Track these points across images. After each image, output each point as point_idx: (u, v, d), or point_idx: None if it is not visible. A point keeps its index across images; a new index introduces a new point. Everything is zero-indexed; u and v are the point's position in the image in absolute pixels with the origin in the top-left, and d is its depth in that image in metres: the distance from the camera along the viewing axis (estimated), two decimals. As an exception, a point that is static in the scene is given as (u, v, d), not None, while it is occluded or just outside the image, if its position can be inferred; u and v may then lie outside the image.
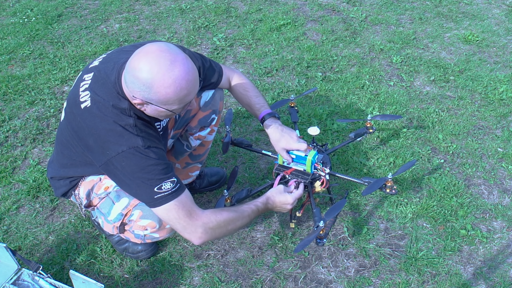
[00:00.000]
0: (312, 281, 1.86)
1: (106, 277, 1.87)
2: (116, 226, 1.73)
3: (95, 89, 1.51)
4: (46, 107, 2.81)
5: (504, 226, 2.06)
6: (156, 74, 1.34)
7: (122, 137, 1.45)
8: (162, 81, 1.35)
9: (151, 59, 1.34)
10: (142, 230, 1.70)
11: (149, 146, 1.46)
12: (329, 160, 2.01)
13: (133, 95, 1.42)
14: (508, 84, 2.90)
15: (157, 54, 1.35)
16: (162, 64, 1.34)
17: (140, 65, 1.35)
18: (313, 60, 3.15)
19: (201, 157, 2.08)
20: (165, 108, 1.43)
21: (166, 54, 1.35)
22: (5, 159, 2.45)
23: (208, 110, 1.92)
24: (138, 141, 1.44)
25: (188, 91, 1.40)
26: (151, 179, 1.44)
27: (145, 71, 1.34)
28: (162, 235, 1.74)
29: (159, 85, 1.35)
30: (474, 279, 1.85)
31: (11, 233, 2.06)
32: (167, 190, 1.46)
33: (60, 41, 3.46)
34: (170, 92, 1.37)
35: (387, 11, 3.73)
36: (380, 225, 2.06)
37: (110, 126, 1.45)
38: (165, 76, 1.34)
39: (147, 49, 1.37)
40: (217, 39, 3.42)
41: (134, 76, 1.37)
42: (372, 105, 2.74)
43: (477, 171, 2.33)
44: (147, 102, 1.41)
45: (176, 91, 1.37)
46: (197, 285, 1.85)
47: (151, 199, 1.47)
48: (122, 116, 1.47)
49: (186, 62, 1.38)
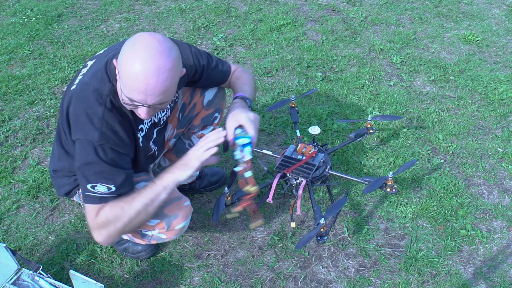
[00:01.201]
0: (312, 281, 1.86)
1: (106, 277, 1.87)
2: None
3: (87, 73, 1.51)
4: (46, 107, 2.81)
5: (504, 226, 2.06)
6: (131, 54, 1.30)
7: (84, 126, 1.44)
8: (131, 63, 1.30)
9: (140, 42, 1.31)
10: (151, 230, 1.68)
11: (102, 144, 1.43)
12: (329, 159, 2.01)
13: (115, 58, 1.39)
14: (508, 84, 2.90)
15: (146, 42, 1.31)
16: (144, 51, 1.29)
17: (130, 41, 1.34)
18: (313, 60, 3.15)
19: None
20: (124, 92, 1.37)
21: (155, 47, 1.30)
22: (5, 159, 2.45)
23: (211, 108, 1.92)
24: (94, 135, 1.42)
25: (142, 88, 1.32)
26: (89, 175, 1.44)
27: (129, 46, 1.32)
28: (169, 236, 1.71)
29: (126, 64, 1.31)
30: (474, 279, 1.85)
31: (11, 233, 2.06)
32: (99, 193, 1.45)
33: (60, 41, 3.46)
34: (129, 78, 1.31)
35: (387, 11, 3.73)
36: (380, 225, 2.06)
37: (79, 112, 1.45)
38: (137, 61, 1.29)
39: (143, 34, 1.35)
40: (217, 39, 3.42)
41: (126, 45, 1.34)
42: (372, 105, 2.74)
43: (477, 171, 2.33)
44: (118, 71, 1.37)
45: (134, 81, 1.31)
46: (197, 285, 1.85)
47: (83, 193, 1.47)
48: (94, 103, 1.44)
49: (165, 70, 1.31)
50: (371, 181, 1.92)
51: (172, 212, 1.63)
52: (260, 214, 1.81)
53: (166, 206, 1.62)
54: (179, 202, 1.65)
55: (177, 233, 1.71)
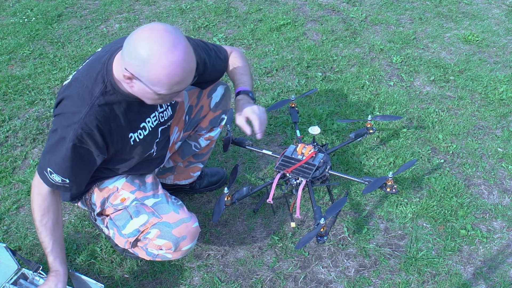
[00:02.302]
0: (312, 281, 1.86)
1: (106, 277, 1.87)
2: (129, 241, 1.68)
3: (82, 69, 1.51)
4: (46, 107, 2.81)
5: (504, 226, 2.06)
6: (155, 52, 1.28)
7: (65, 120, 1.43)
8: (159, 61, 1.28)
9: (154, 36, 1.29)
10: (157, 249, 1.66)
11: (74, 145, 1.43)
12: (329, 159, 2.01)
13: (125, 67, 1.35)
14: (508, 84, 2.90)
15: (161, 33, 1.29)
16: (163, 44, 1.28)
17: (141, 39, 1.30)
18: (313, 60, 3.15)
19: (204, 156, 2.07)
20: (152, 90, 1.36)
21: (170, 35, 1.30)
22: (5, 159, 2.45)
23: (218, 110, 1.92)
24: (69, 133, 1.42)
25: (181, 79, 1.34)
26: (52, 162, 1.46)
27: (144, 46, 1.28)
28: (175, 256, 1.70)
29: (154, 64, 1.29)
30: (474, 279, 1.85)
31: (11, 233, 2.06)
32: (53, 180, 1.49)
33: (60, 41, 3.46)
34: (162, 74, 1.30)
35: (387, 11, 3.73)
36: (380, 225, 2.06)
37: (65, 108, 1.45)
38: (163, 56, 1.28)
39: (152, 26, 1.32)
40: (217, 39, 3.42)
41: (132, 48, 1.31)
42: (372, 105, 2.74)
43: (477, 171, 2.33)
44: (137, 78, 1.35)
45: (169, 75, 1.31)
46: (197, 285, 1.85)
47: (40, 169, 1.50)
48: (81, 102, 1.43)
49: (187, 50, 1.32)
50: (371, 181, 1.92)
51: (181, 233, 1.62)
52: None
53: (175, 227, 1.61)
54: (188, 223, 1.63)
55: (183, 253, 1.69)
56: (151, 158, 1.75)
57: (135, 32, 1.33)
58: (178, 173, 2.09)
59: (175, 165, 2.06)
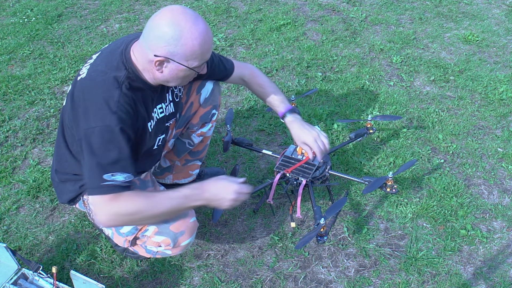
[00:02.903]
0: (312, 281, 1.86)
1: (106, 277, 1.87)
2: (128, 240, 1.70)
3: (96, 62, 1.51)
4: (46, 107, 2.81)
5: (504, 226, 2.06)
6: (184, 27, 1.38)
7: (100, 111, 1.40)
8: (190, 33, 1.39)
9: (177, 14, 1.40)
10: (156, 246, 1.68)
11: (122, 128, 1.40)
12: (329, 159, 2.01)
13: (155, 54, 1.41)
14: (508, 84, 2.90)
15: (181, 11, 1.41)
16: (188, 19, 1.39)
17: (165, 21, 1.39)
18: (313, 60, 3.15)
19: (200, 154, 2.08)
20: (186, 65, 1.44)
21: (189, 11, 1.42)
22: (5, 159, 2.45)
23: (208, 106, 1.93)
24: (113, 119, 1.39)
25: (209, 46, 1.46)
26: (107, 165, 1.39)
27: (172, 24, 1.38)
28: (175, 252, 1.71)
29: (187, 37, 1.39)
30: (474, 279, 1.85)
31: (11, 233, 2.06)
32: (117, 182, 1.40)
33: (60, 41, 3.46)
34: (196, 44, 1.40)
35: (387, 11, 3.73)
36: (380, 225, 2.06)
37: (94, 99, 1.42)
38: (192, 28, 1.39)
39: (170, 8, 1.43)
40: (217, 39, 3.42)
41: (160, 31, 1.39)
42: (372, 105, 2.74)
43: (477, 171, 2.33)
44: (170, 59, 1.42)
45: (201, 44, 1.41)
46: (197, 285, 1.85)
47: (97, 185, 1.39)
48: (110, 86, 1.43)
49: (204, 20, 1.45)
50: (371, 181, 1.92)
51: (178, 229, 1.62)
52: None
53: (172, 222, 1.61)
54: (185, 218, 1.64)
55: (182, 249, 1.70)
56: (151, 153, 1.75)
57: (153, 18, 1.42)
58: (177, 172, 2.10)
59: (172, 164, 2.07)
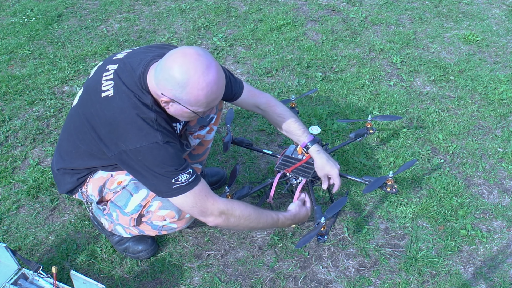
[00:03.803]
0: (312, 281, 1.86)
1: (106, 277, 1.87)
2: (133, 218, 1.74)
3: (121, 80, 1.53)
4: (46, 107, 2.81)
5: (504, 226, 2.06)
6: (192, 76, 1.40)
7: (142, 130, 1.48)
8: (197, 83, 1.41)
9: (188, 61, 1.41)
10: (161, 220, 1.73)
11: (167, 141, 1.50)
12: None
13: (162, 93, 1.46)
14: (508, 84, 2.90)
15: (195, 58, 1.41)
16: (199, 67, 1.40)
17: (176, 65, 1.41)
18: (313, 60, 3.15)
19: (200, 157, 2.07)
20: (191, 110, 1.48)
21: (203, 58, 1.42)
22: (5, 159, 2.45)
23: None
24: (157, 136, 1.49)
25: (216, 96, 1.48)
26: (169, 172, 1.50)
27: (181, 71, 1.40)
28: (180, 225, 1.76)
29: (193, 86, 1.41)
30: (474, 279, 1.85)
31: (11, 233, 2.06)
32: (184, 181, 1.52)
33: (60, 41, 3.46)
34: (201, 95, 1.43)
35: (387, 11, 3.73)
36: (380, 225, 2.06)
37: (131, 119, 1.48)
38: (200, 79, 1.41)
39: (184, 51, 1.43)
40: (217, 39, 3.42)
41: (169, 74, 1.42)
42: (372, 105, 2.74)
43: (477, 171, 2.33)
44: (175, 101, 1.46)
45: (207, 95, 1.44)
46: (197, 285, 1.85)
47: (169, 189, 1.52)
48: (144, 109, 1.50)
49: (219, 68, 1.46)
50: (371, 181, 1.92)
51: None
52: None
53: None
54: None
55: (187, 221, 1.75)
56: None
57: (167, 58, 1.44)
58: None
59: None
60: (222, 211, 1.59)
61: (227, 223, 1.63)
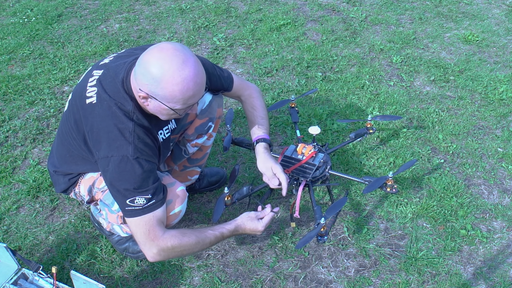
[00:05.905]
0: (312, 281, 1.86)
1: (106, 277, 1.87)
2: (120, 216, 1.73)
3: (103, 86, 1.53)
4: (46, 107, 2.81)
5: (504, 226, 2.06)
6: (166, 71, 1.38)
7: (116, 141, 1.47)
8: (172, 78, 1.38)
9: (164, 55, 1.39)
10: None
11: (137, 157, 1.48)
12: (329, 159, 2.01)
13: (140, 88, 1.45)
14: (508, 84, 2.90)
15: (171, 52, 1.39)
16: (174, 62, 1.38)
17: (152, 59, 1.39)
18: (313, 60, 3.15)
19: (199, 161, 2.07)
20: (168, 106, 1.45)
21: (180, 53, 1.39)
22: (5, 159, 2.45)
23: (204, 118, 1.89)
24: (129, 150, 1.47)
25: (194, 93, 1.44)
26: (126, 190, 1.48)
27: (156, 65, 1.38)
28: (167, 223, 1.73)
29: (167, 81, 1.39)
30: (474, 279, 1.86)
31: (11, 233, 2.06)
32: (139, 206, 1.50)
33: (60, 41, 3.46)
34: (176, 90, 1.40)
35: (387, 11, 3.73)
36: (380, 225, 2.06)
37: (108, 128, 1.48)
38: (175, 73, 1.38)
39: (162, 46, 1.42)
40: (217, 39, 3.42)
41: (145, 68, 1.40)
42: (372, 105, 2.74)
43: (477, 171, 2.33)
44: (152, 97, 1.44)
45: (182, 90, 1.41)
46: (197, 285, 1.85)
47: (123, 208, 1.52)
48: (123, 118, 1.49)
49: (197, 65, 1.43)
50: (371, 181, 1.91)
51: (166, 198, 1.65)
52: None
53: None
54: (172, 188, 1.66)
55: (173, 218, 1.70)
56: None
57: (145, 53, 1.42)
58: (175, 177, 2.08)
59: (169, 169, 2.07)
60: (162, 248, 1.54)
61: (166, 258, 1.61)
